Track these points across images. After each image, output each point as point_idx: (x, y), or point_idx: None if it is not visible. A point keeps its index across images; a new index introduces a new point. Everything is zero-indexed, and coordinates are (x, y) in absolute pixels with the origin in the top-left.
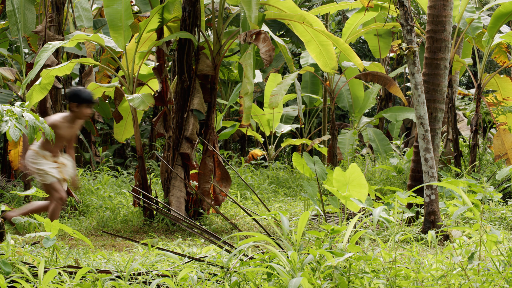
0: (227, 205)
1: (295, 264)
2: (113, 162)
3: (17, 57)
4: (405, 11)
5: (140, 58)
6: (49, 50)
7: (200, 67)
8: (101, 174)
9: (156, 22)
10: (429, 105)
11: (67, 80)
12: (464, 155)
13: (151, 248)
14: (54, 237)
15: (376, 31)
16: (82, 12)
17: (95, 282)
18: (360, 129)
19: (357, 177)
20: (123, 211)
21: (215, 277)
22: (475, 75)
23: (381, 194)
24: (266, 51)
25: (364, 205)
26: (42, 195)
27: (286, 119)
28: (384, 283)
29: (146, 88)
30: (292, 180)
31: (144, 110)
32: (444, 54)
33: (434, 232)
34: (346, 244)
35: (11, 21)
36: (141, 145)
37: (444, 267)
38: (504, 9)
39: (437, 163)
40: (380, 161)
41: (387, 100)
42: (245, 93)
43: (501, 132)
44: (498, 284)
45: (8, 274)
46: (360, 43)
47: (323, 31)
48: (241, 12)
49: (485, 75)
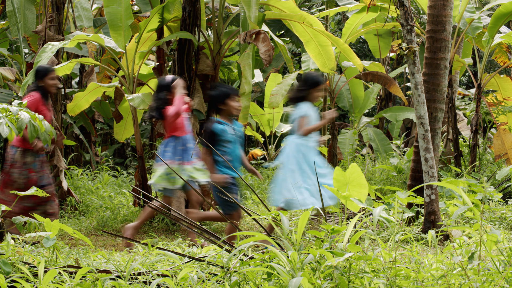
0: None
1: (295, 264)
2: (113, 162)
3: (17, 57)
4: (405, 11)
5: (140, 58)
6: (49, 50)
7: (200, 67)
8: (101, 174)
9: (156, 22)
10: (429, 105)
11: (67, 80)
12: (464, 155)
13: (151, 248)
14: (54, 237)
15: (376, 31)
16: (82, 12)
17: (95, 282)
18: (360, 129)
19: (357, 177)
20: (123, 211)
21: (215, 277)
22: (475, 75)
23: (381, 194)
24: (265, 51)
25: (364, 205)
26: (42, 195)
27: (286, 118)
28: (384, 283)
29: (146, 88)
30: None
31: (144, 109)
32: (444, 54)
33: (434, 232)
34: (346, 244)
35: (11, 21)
36: (141, 144)
37: (444, 267)
38: (504, 9)
39: (437, 163)
40: (380, 161)
41: (387, 100)
42: (243, 92)
43: (501, 132)
44: (498, 284)
45: (8, 274)
46: (360, 43)
47: (323, 31)
48: (241, 12)
49: (485, 75)
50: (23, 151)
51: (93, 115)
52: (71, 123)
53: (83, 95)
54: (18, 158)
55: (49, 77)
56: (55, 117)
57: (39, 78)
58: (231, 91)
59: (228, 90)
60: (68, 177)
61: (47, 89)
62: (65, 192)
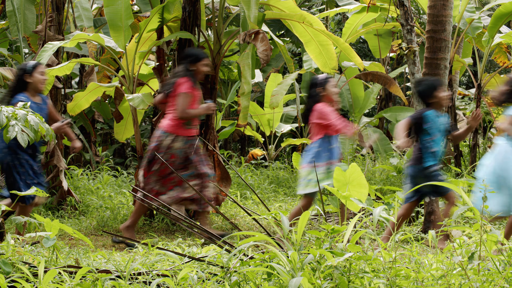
0: (227, 205)
1: (295, 264)
2: (113, 162)
3: (17, 57)
4: (405, 11)
5: (140, 58)
6: (49, 50)
7: None
8: (101, 174)
9: (156, 22)
10: None
11: (67, 80)
12: (464, 155)
13: (151, 248)
14: (54, 237)
15: (376, 31)
16: (82, 12)
17: (95, 282)
18: (360, 129)
19: (357, 177)
20: (123, 211)
21: (215, 277)
22: (475, 75)
23: (381, 194)
24: (263, 51)
25: (364, 205)
26: (42, 195)
27: (286, 118)
28: (384, 283)
29: (146, 88)
30: (292, 180)
31: (144, 109)
32: (444, 54)
33: (434, 232)
34: (346, 244)
35: (11, 21)
36: (141, 144)
37: (444, 267)
38: (504, 9)
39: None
40: (380, 161)
41: (387, 100)
42: (242, 92)
43: (501, 132)
44: (498, 284)
45: (8, 274)
46: (360, 43)
47: (323, 30)
48: (241, 12)
49: (485, 75)
50: (175, 137)
51: (93, 115)
52: (71, 123)
53: (83, 95)
54: (167, 143)
55: (202, 64)
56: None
57: (192, 62)
58: (437, 83)
59: (434, 82)
60: (68, 177)
61: (198, 74)
62: (65, 192)
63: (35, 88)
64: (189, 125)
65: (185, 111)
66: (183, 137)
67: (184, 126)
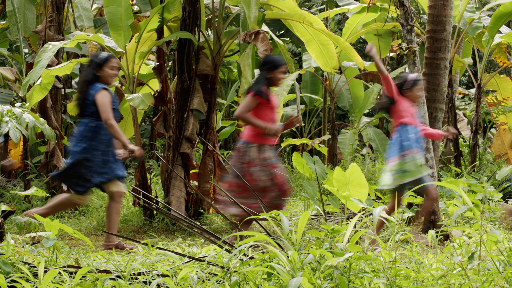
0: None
1: (295, 264)
2: None
3: (17, 57)
4: (405, 11)
5: (140, 58)
6: (49, 50)
7: (200, 67)
8: None
9: (156, 22)
10: (429, 105)
11: (67, 80)
12: (464, 155)
13: (151, 248)
14: (54, 237)
15: (376, 31)
16: (82, 12)
17: (95, 282)
18: (360, 129)
19: (357, 177)
20: (123, 211)
21: (215, 277)
22: (475, 75)
23: (381, 194)
24: (263, 51)
25: (364, 205)
26: (42, 195)
27: (286, 118)
28: (384, 283)
29: (146, 88)
30: (292, 180)
31: (144, 109)
32: (444, 54)
33: (434, 232)
34: (346, 244)
35: (11, 21)
36: (141, 145)
37: (444, 267)
38: (504, 9)
39: (437, 163)
40: (380, 161)
41: None
42: (242, 92)
43: (501, 132)
44: (498, 284)
45: (8, 274)
46: (360, 43)
47: (324, 30)
48: (241, 12)
49: (485, 75)
50: (259, 147)
51: None
52: (71, 123)
53: None
54: (255, 155)
55: (279, 71)
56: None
57: (269, 69)
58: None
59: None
60: None
61: (275, 81)
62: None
63: (105, 81)
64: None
65: (242, 113)
66: (267, 145)
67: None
